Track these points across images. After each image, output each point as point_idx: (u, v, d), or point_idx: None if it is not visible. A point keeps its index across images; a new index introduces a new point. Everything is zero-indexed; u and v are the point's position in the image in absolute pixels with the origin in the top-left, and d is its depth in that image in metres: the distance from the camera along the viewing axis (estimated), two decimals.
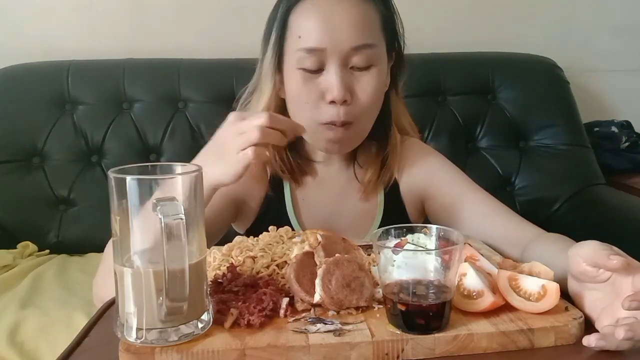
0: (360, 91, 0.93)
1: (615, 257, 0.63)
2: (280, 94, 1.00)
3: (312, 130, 0.94)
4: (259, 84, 1.00)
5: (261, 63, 1.00)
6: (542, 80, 1.89)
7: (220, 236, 1.02)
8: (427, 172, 1.05)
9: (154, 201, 0.56)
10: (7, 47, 1.87)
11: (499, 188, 1.75)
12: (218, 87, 1.78)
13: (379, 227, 1.03)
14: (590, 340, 0.61)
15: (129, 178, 0.57)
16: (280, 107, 1.00)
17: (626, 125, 1.99)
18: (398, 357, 0.60)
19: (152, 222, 0.56)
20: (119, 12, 1.93)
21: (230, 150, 0.78)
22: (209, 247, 0.74)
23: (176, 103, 1.77)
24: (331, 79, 0.91)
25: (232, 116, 0.81)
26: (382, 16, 0.95)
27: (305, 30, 0.91)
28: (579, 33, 2.11)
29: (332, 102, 0.91)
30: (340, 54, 0.91)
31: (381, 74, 0.96)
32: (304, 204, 1.05)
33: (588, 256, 0.65)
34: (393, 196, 1.06)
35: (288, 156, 1.02)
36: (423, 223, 1.07)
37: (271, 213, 1.03)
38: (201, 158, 0.84)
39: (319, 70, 0.92)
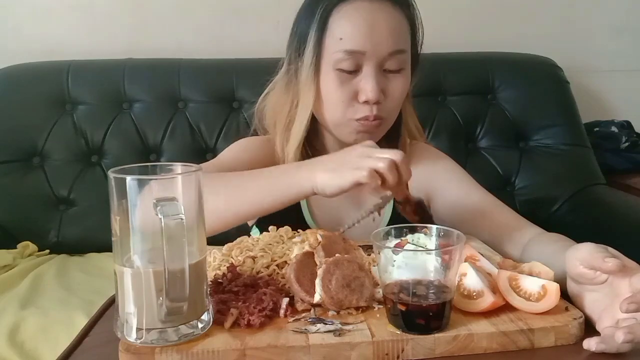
0: (391, 92, 0.97)
1: (610, 260, 0.63)
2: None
3: (344, 124, 0.98)
4: (300, 85, 1.00)
5: (292, 64, 1.01)
6: (542, 80, 1.89)
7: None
8: (434, 173, 1.07)
9: (154, 201, 0.56)
10: (7, 47, 1.87)
11: (499, 188, 1.75)
12: (218, 87, 1.78)
13: (386, 225, 1.04)
14: (590, 344, 0.61)
15: (129, 178, 0.57)
16: (294, 104, 1.02)
17: (626, 125, 1.99)
18: (398, 357, 0.60)
19: (152, 222, 0.56)
20: (118, 12, 1.93)
21: (349, 165, 0.78)
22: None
23: (176, 103, 1.77)
24: (367, 81, 0.94)
25: (370, 142, 0.82)
26: (410, 23, 1.00)
27: (348, 32, 0.94)
28: (579, 33, 2.11)
29: (366, 102, 0.95)
30: (378, 58, 0.94)
31: (408, 78, 1.01)
32: (317, 199, 1.05)
33: (584, 258, 0.65)
34: None
35: (307, 152, 1.04)
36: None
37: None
38: (320, 160, 0.84)
39: (355, 71, 0.95)
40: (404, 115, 1.08)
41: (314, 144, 1.06)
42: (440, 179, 1.07)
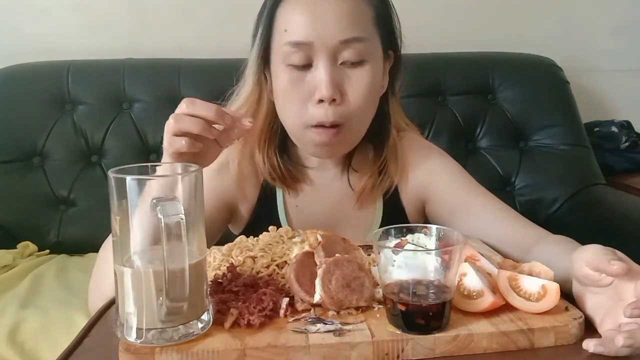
0: (352, 89, 0.88)
1: (616, 263, 0.62)
2: (270, 96, 0.95)
3: (299, 133, 0.91)
4: (241, 82, 0.97)
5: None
6: (542, 80, 1.89)
7: (218, 237, 1.01)
8: (429, 173, 1.01)
9: (154, 201, 0.56)
10: (7, 47, 1.87)
11: (499, 188, 1.75)
12: (218, 87, 1.76)
13: (380, 220, 1.02)
14: (589, 345, 0.61)
15: (128, 178, 0.57)
16: (269, 109, 0.97)
17: (626, 125, 1.99)
18: (398, 357, 0.60)
19: (152, 222, 0.56)
20: (119, 12, 1.93)
21: (164, 154, 0.78)
22: (207, 247, 0.73)
23: (176, 103, 1.74)
24: (319, 75, 0.86)
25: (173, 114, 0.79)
26: (375, 10, 0.91)
27: (291, 23, 0.87)
28: (579, 33, 2.11)
29: (321, 101, 0.86)
30: (328, 48, 0.86)
31: (375, 72, 0.90)
32: (296, 211, 1.01)
33: (590, 260, 0.65)
34: (393, 202, 1.02)
35: (279, 162, 0.97)
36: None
37: (263, 219, 0.97)
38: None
39: (306, 66, 0.87)
40: (392, 117, 0.99)
41: (289, 155, 1.00)
42: (437, 179, 1.01)
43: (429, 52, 1.83)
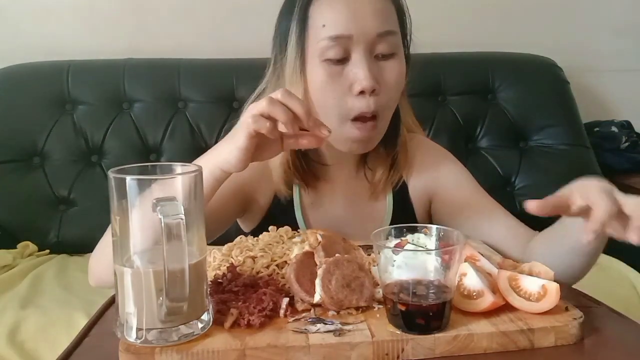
0: (387, 79, 0.91)
1: (576, 208, 0.70)
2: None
3: (339, 130, 0.91)
4: (287, 84, 0.95)
5: (277, 64, 0.97)
6: (542, 80, 1.89)
7: (226, 228, 1.01)
8: (436, 173, 1.05)
9: (154, 201, 0.56)
10: (7, 47, 1.87)
11: (499, 188, 1.75)
12: (218, 87, 1.78)
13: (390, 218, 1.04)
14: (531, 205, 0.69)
15: (128, 178, 0.57)
16: None
17: (626, 125, 2.00)
18: (398, 357, 0.60)
19: (152, 222, 0.56)
20: (119, 12, 1.93)
21: (237, 128, 0.76)
22: (211, 238, 0.72)
23: (176, 103, 1.78)
24: (359, 68, 0.88)
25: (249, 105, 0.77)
26: (397, 8, 0.95)
27: (330, 18, 0.89)
28: (579, 33, 2.11)
29: (361, 92, 0.88)
30: (366, 41, 0.89)
31: (403, 65, 0.95)
32: (312, 207, 1.03)
33: (575, 187, 0.72)
34: (402, 196, 1.05)
35: (300, 161, 0.99)
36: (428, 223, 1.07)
37: (279, 214, 1.01)
38: (215, 146, 0.81)
39: (344, 60, 0.89)
40: (401, 113, 1.03)
41: (309, 153, 1.00)
42: (443, 179, 1.04)
43: (429, 52, 1.83)
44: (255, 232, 0.91)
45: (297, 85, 0.92)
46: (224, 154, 0.77)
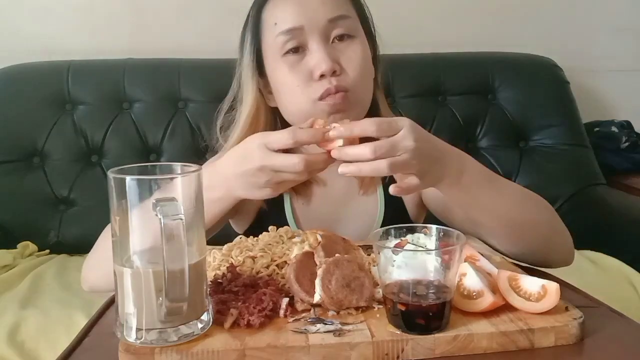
0: (347, 61, 0.93)
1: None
2: (268, 103, 0.99)
3: (310, 110, 0.92)
4: (240, 92, 1.01)
5: (238, 72, 1.01)
6: (542, 80, 1.89)
7: (218, 229, 1.01)
8: None
9: (154, 201, 0.56)
10: (7, 47, 1.87)
11: None
12: (218, 87, 1.76)
13: (380, 224, 1.03)
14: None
15: (128, 178, 0.57)
16: (267, 117, 1.00)
17: (626, 125, 2.00)
18: (398, 357, 0.60)
19: (152, 222, 0.56)
20: (119, 12, 1.93)
21: (260, 179, 0.76)
22: (206, 239, 0.73)
23: (176, 103, 1.78)
24: (316, 54, 0.91)
25: (258, 138, 0.76)
26: None
27: (280, 16, 0.93)
28: (579, 33, 2.11)
29: (322, 76, 0.91)
30: (319, 29, 0.92)
31: (365, 47, 0.96)
32: (303, 208, 1.04)
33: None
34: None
35: None
36: (422, 216, 1.07)
37: (270, 215, 1.01)
38: (225, 165, 0.80)
39: (301, 51, 0.93)
40: (381, 106, 1.03)
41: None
42: None
43: (429, 52, 1.83)
44: (247, 233, 0.90)
45: (251, 92, 0.98)
46: (241, 192, 0.80)
